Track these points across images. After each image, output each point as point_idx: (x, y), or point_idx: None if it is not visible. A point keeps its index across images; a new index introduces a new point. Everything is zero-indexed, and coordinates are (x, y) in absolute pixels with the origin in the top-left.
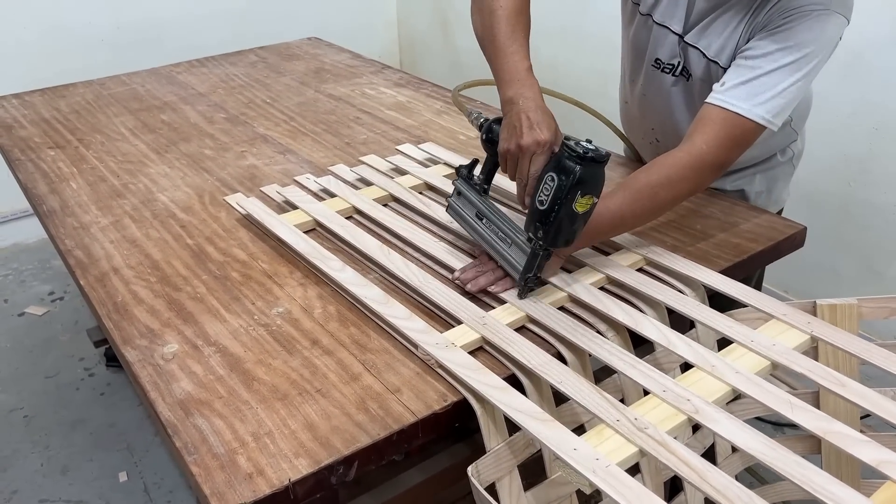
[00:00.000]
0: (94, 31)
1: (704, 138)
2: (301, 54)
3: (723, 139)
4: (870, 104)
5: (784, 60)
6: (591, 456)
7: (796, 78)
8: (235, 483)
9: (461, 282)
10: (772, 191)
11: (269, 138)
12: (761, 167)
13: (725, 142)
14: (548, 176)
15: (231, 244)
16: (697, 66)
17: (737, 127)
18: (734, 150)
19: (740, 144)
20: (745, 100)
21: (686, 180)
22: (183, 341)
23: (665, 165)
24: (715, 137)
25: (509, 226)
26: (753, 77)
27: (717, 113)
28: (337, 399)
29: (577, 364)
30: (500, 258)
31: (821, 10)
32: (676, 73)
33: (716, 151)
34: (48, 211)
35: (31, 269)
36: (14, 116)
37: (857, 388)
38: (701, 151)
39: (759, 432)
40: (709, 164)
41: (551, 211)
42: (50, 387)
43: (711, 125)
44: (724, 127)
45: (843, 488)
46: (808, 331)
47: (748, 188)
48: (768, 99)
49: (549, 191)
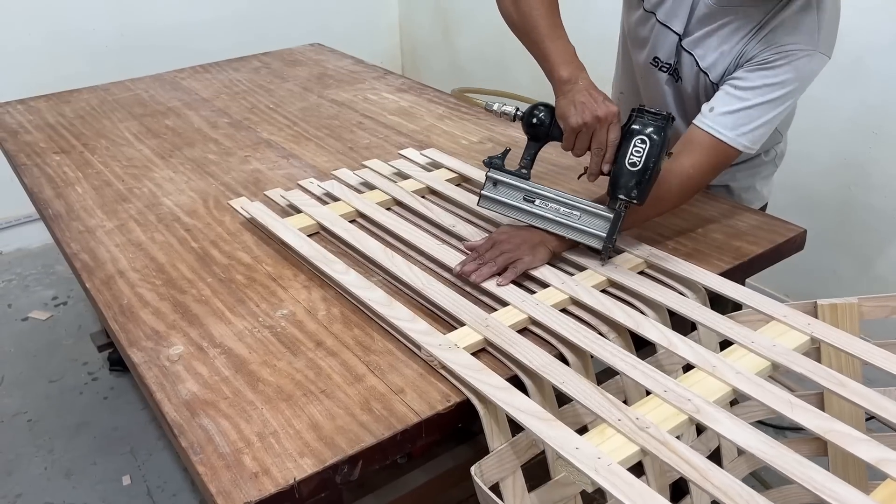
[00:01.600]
0: (98, 37)
1: (691, 161)
2: (304, 60)
3: (707, 163)
4: (870, 108)
5: (770, 96)
6: (594, 455)
7: (778, 111)
8: (241, 482)
9: (464, 274)
10: (754, 187)
11: (273, 143)
12: (744, 165)
13: (709, 166)
14: (637, 139)
15: (235, 247)
16: (689, 71)
17: (721, 153)
18: (715, 172)
19: (722, 166)
20: (731, 129)
21: (672, 198)
22: (188, 343)
23: (678, 164)
24: (700, 161)
25: (571, 199)
26: (741, 108)
27: (704, 137)
28: (341, 399)
29: (579, 365)
30: (572, 231)
31: (809, 52)
32: (670, 73)
33: (700, 174)
34: (54, 215)
35: (35, 274)
36: (19, 122)
37: (857, 388)
38: (688, 173)
39: (759, 431)
40: (693, 185)
41: (646, 169)
42: (54, 391)
43: (699, 148)
44: (710, 151)
45: (844, 486)
46: (808, 332)
47: (732, 184)
48: (751, 129)
49: (641, 152)
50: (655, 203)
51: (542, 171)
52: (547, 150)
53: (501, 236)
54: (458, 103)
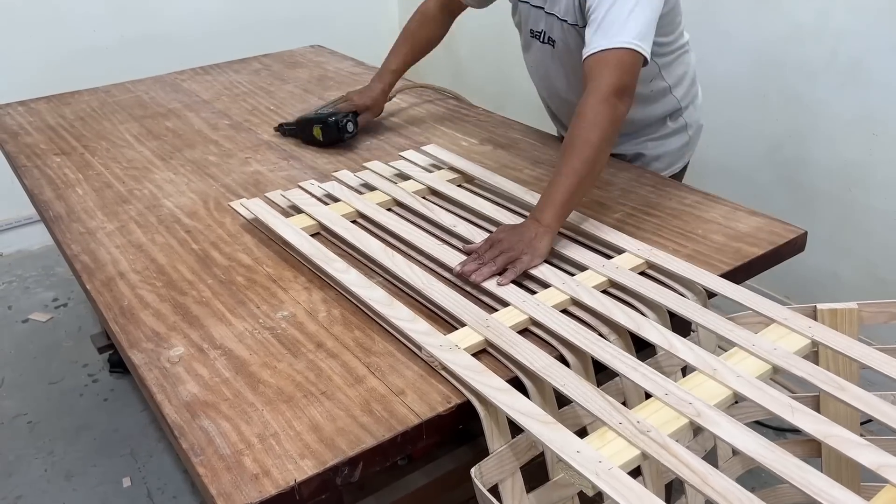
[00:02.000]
0: (99, 39)
1: (594, 79)
2: (304, 62)
3: (608, 70)
4: (870, 110)
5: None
6: (594, 458)
7: (630, 6)
8: (241, 484)
9: (464, 275)
10: (665, 156)
11: (273, 145)
12: (652, 133)
13: (611, 71)
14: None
15: (236, 249)
16: (558, 31)
17: (610, 59)
18: (623, 76)
19: (624, 70)
20: (602, 40)
21: (602, 114)
22: (189, 344)
23: (581, 116)
24: (600, 74)
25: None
26: (601, 20)
27: (590, 61)
28: (342, 401)
29: (580, 367)
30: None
31: None
32: (544, 41)
33: (609, 81)
34: (54, 216)
35: (35, 276)
36: (20, 123)
37: (856, 392)
38: (598, 88)
39: (759, 436)
40: (609, 93)
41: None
42: (54, 393)
43: (594, 69)
44: (602, 64)
45: (843, 492)
46: (808, 335)
47: (645, 152)
48: (618, 30)
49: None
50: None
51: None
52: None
53: (500, 235)
54: (458, 105)
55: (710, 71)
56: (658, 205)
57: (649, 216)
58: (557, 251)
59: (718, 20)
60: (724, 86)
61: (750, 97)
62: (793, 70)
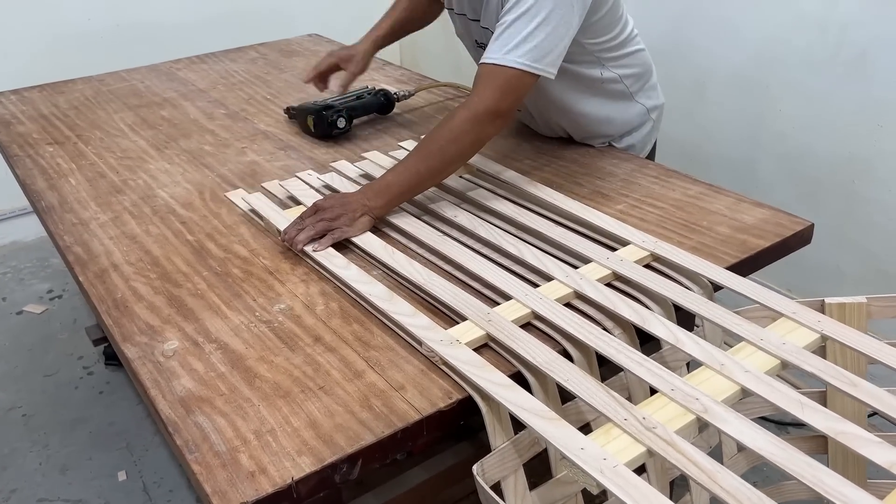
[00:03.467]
0: (93, 27)
1: (476, 93)
2: (301, 51)
3: (491, 89)
4: (874, 102)
5: (519, 11)
6: (599, 455)
7: (536, 23)
8: (237, 481)
9: (286, 241)
10: (635, 146)
11: (270, 134)
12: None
13: (493, 91)
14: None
15: (232, 240)
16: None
17: (499, 76)
18: (505, 98)
19: (509, 91)
20: (497, 51)
21: (467, 133)
22: (183, 338)
23: (448, 123)
24: (483, 90)
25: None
26: (502, 31)
27: (480, 70)
28: (340, 396)
29: (584, 362)
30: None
31: None
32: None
33: (488, 102)
34: (47, 207)
35: (30, 267)
36: (12, 112)
37: (869, 389)
38: (475, 104)
39: (768, 432)
40: (483, 113)
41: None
42: (49, 385)
43: (479, 81)
44: (489, 79)
45: (855, 490)
46: (818, 329)
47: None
48: (516, 45)
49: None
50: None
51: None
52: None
53: (326, 203)
54: (457, 94)
55: (712, 60)
56: (661, 196)
57: (652, 207)
58: (560, 242)
59: (722, 9)
60: (727, 75)
61: (753, 87)
62: (797, 60)
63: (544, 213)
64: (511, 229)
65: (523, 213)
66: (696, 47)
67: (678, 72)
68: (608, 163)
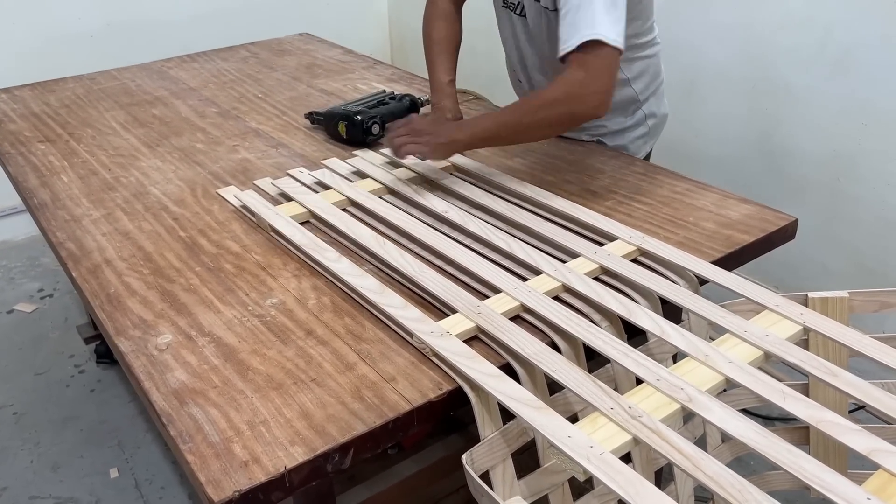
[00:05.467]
0: (84, 26)
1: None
2: (293, 50)
3: (581, 71)
4: (859, 100)
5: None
6: (586, 443)
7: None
8: (231, 471)
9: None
10: (624, 148)
11: (262, 132)
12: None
13: (585, 72)
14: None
15: (224, 236)
16: (530, 7)
17: (585, 59)
18: (598, 77)
19: (599, 69)
20: (574, 36)
21: (560, 103)
22: (177, 332)
23: (546, 91)
24: (574, 72)
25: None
26: (569, 15)
27: (569, 59)
28: (332, 388)
29: (571, 353)
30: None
31: None
32: (518, 13)
33: (582, 80)
34: (39, 204)
35: (20, 267)
36: (3, 111)
37: (848, 378)
38: (569, 81)
39: (751, 421)
40: (579, 88)
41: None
42: (40, 384)
43: (570, 67)
44: (578, 64)
45: (835, 476)
46: (800, 321)
47: (606, 142)
48: (589, 23)
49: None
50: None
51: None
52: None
53: (418, 124)
54: (475, 102)
55: (700, 58)
56: (648, 192)
57: (640, 203)
58: (549, 238)
59: (708, 7)
60: (713, 74)
61: (739, 86)
62: (782, 59)
63: (533, 209)
64: (501, 225)
65: (513, 209)
66: (682, 46)
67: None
68: (597, 160)
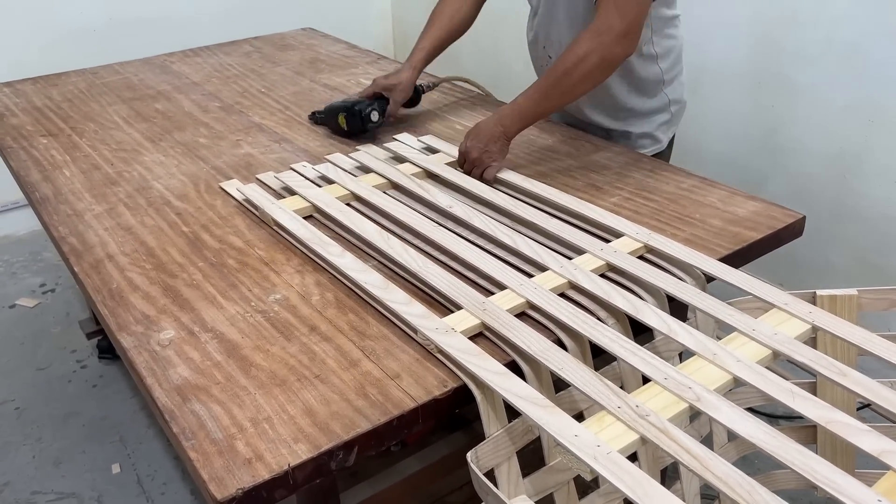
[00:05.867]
0: (86, 20)
1: (596, 19)
2: (296, 44)
3: (609, 12)
4: (865, 97)
5: None
6: (593, 442)
7: None
8: (234, 468)
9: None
10: (650, 135)
11: (265, 127)
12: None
13: (613, 13)
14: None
15: (227, 231)
16: None
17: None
18: (625, 16)
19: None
20: None
21: (593, 51)
22: (179, 328)
23: (574, 47)
24: (602, 15)
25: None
26: None
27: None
28: (336, 385)
29: (578, 351)
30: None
31: None
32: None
33: (612, 20)
34: (41, 198)
35: (22, 261)
36: (6, 104)
37: (858, 378)
38: (598, 25)
39: (759, 421)
40: (607, 31)
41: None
42: (41, 379)
43: (599, 11)
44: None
45: (845, 477)
46: (809, 320)
47: (631, 129)
48: None
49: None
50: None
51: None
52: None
53: (469, 145)
54: (451, 88)
55: (706, 54)
56: (655, 188)
57: (646, 200)
58: (554, 234)
59: (714, 3)
60: (719, 70)
61: (745, 82)
62: (788, 55)
63: (539, 205)
64: (506, 221)
65: (518, 205)
66: (688, 42)
67: None
68: (602, 156)
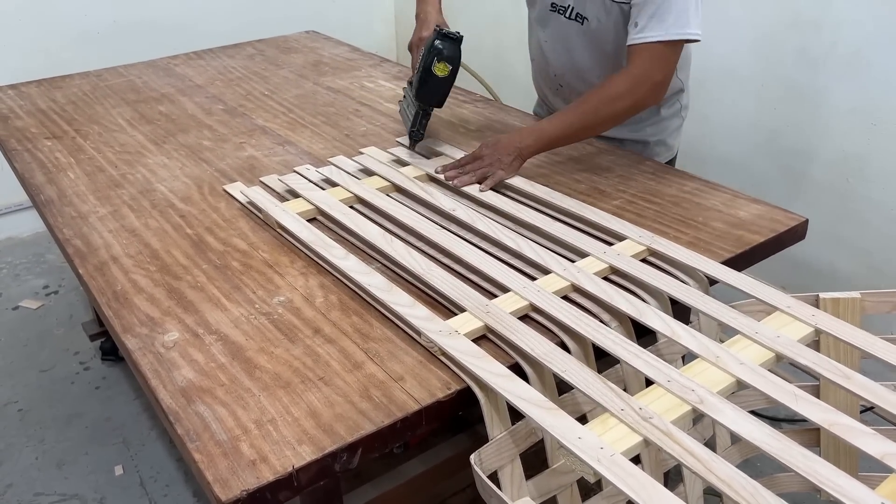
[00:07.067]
0: (90, 23)
1: (635, 65)
2: (299, 47)
3: (656, 66)
4: (869, 101)
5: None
6: (596, 445)
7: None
8: (238, 470)
9: (447, 178)
10: (665, 141)
11: (268, 130)
12: (652, 121)
13: (654, 64)
14: (422, 51)
15: (231, 234)
16: (596, 8)
17: (661, 51)
18: (664, 69)
19: (669, 62)
20: (657, 28)
21: (623, 97)
22: (184, 329)
23: (607, 86)
24: (643, 63)
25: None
26: (656, 8)
27: (641, 48)
28: (340, 387)
29: (581, 353)
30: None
31: None
32: (571, 17)
33: (648, 71)
34: (45, 200)
35: (26, 263)
36: (10, 107)
37: (862, 381)
38: (635, 74)
39: (763, 423)
40: (644, 80)
41: (419, 73)
42: (45, 380)
43: (639, 58)
44: (651, 55)
45: (849, 480)
46: (812, 323)
47: (647, 139)
48: (676, 18)
49: (420, 62)
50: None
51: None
52: None
53: (484, 151)
54: (454, 91)
55: (710, 58)
56: (658, 192)
57: (649, 203)
58: (557, 237)
59: (719, 6)
60: (723, 73)
61: (749, 86)
62: (792, 59)
63: (542, 208)
64: (509, 224)
65: (521, 209)
66: (691, 45)
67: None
68: (605, 160)
